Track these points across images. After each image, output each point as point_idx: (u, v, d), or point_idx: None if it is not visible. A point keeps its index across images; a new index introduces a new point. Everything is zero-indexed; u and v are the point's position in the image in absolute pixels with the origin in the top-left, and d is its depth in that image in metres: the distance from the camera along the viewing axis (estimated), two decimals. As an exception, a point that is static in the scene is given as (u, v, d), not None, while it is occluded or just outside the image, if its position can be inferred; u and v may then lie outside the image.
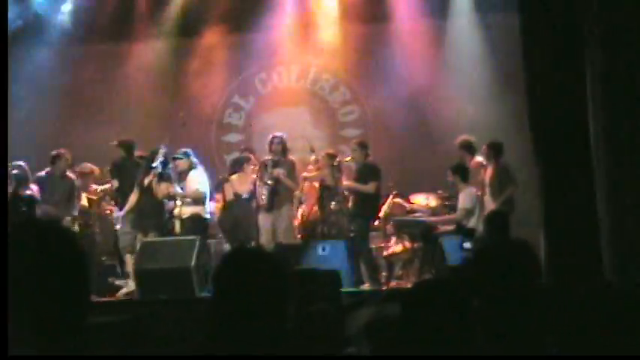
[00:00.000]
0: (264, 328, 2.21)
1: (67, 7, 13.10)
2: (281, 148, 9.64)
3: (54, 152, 10.02)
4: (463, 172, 9.07)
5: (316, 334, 3.22)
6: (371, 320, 3.75)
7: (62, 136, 12.06)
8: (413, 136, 12.03)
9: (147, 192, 9.38)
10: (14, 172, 9.69)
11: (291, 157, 9.94)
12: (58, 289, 1.54)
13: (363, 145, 9.72)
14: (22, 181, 9.64)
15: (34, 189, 9.72)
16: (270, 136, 9.93)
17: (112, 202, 10.28)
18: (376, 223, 9.39)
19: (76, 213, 9.70)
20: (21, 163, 9.86)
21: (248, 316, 2.20)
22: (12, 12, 13.00)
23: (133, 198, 9.35)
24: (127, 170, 9.70)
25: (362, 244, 9.08)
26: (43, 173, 9.94)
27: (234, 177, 9.82)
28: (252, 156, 10.22)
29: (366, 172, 9.38)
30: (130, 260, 9.16)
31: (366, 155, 9.55)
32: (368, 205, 9.22)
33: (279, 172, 9.46)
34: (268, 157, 9.76)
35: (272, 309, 2.23)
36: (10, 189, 9.52)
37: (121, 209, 9.59)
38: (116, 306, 8.12)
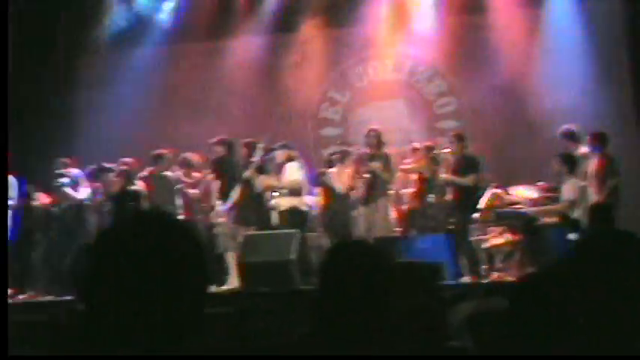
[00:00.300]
0: (369, 321, 2.23)
1: (167, 7, 13.45)
2: (377, 142, 9.63)
3: (156, 152, 10.29)
4: (571, 162, 8.83)
5: (418, 328, 3.23)
6: (473, 313, 3.73)
7: (165, 133, 12.39)
8: (511, 126, 11.84)
9: (247, 185, 9.53)
10: (122, 168, 10.04)
11: (388, 150, 9.93)
12: (176, 280, 1.54)
13: (460, 137, 9.64)
14: (129, 177, 9.97)
15: (140, 185, 10.04)
16: (366, 129, 9.95)
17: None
18: (476, 215, 9.28)
19: (178, 210, 9.97)
20: (128, 159, 10.18)
21: (353, 310, 2.23)
22: (116, 14, 13.47)
23: (235, 193, 9.51)
24: (228, 168, 9.84)
25: (462, 237, 9.01)
26: (145, 173, 10.23)
27: (332, 171, 9.88)
28: (349, 150, 10.24)
29: (465, 164, 9.30)
30: (230, 258, 9.29)
31: (463, 147, 9.47)
32: (467, 197, 9.12)
33: (376, 165, 9.47)
34: (364, 150, 9.78)
35: (376, 302, 2.25)
36: (118, 185, 9.88)
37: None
38: (219, 298, 8.27)
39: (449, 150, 9.67)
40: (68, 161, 10.66)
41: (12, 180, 10.03)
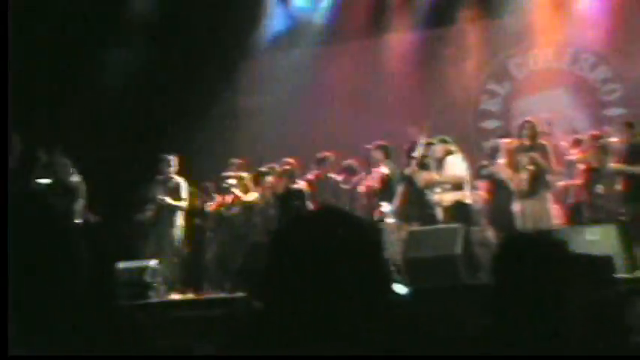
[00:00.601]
0: (546, 315, 2.21)
1: (323, 6, 13.69)
2: (532, 133, 9.36)
3: (320, 155, 10.51)
4: None
5: (597, 322, 3.15)
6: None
7: (325, 132, 12.62)
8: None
9: (409, 182, 9.56)
10: (285, 167, 10.31)
11: (545, 140, 9.65)
12: (354, 277, 1.56)
13: (629, 125, 9.23)
14: (293, 176, 10.23)
15: (302, 184, 10.28)
16: (521, 121, 9.70)
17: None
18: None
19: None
20: (290, 159, 10.44)
21: (529, 304, 2.22)
22: (274, 16, 13.88)
23: (399, 190, 9.57)
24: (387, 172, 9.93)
25: (636, 228, 8.63)
26: (310, 177, 10.44)
27: (496, 164, 9.73)
28: (507, 142, 10.03)
29: (635, 152, 8.90)
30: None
31: (633, 135, 9.07)
32: (639, 186, 8.74)
33: (535, 156, 9.22)
34: (521, 142, 9.48)
35: (553, 296, 2.23)
36: (282, 185, 10.17)
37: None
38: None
39: (618, 138, 9.28)
40: (238, 162, 11.06)
41: (182, 182, 10.52)
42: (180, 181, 10.50)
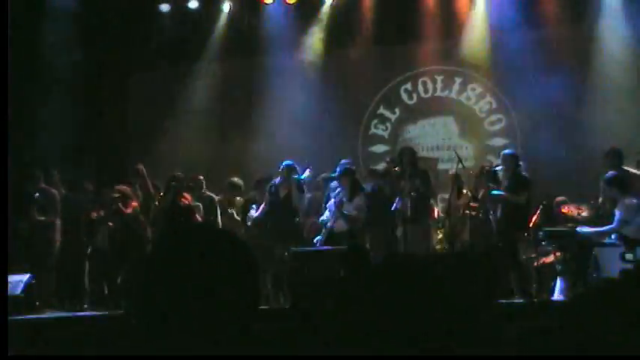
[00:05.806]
0: (421, 339, 2.21)
1: (218, 22, 13.61)
2: (411, 160, 9.54)
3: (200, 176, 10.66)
4: (621, 184, 8.59)
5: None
6: (523, 333, 3.68)
7: (217, 151, 12.55)
8: (562, 144, 11.67)
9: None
10: (172, 184, 10.16)
11: (423, 167, 9.86)
12: (228, 294, 1.56)
13: (512, 155, 9.51)
14: (179, 192, 10.13)
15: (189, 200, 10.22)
16: (400, 148, 9.87)
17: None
18: (527, 233, 9.17)
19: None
20: (179, 174, 10.31)
21: (403, 328, 2.21)
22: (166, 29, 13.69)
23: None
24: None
25: (512, 255, 8.89)
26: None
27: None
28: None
29: (516, 182, 9.18)
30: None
31: (515, 165, 9.34)
32: (518, 215, 9.01)
33: (417, 183, 9.38)
34: (402, 168, 9.60)
35: (427, 319, 2.23)
36: (168, 200, 10.04)
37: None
38: (269, 314, 8.27)
39: (500, 168, 9.55)
40: (140, 168, 10.78)
41: (55, 194, 10.12)
42: (54, 193, 10.09)
